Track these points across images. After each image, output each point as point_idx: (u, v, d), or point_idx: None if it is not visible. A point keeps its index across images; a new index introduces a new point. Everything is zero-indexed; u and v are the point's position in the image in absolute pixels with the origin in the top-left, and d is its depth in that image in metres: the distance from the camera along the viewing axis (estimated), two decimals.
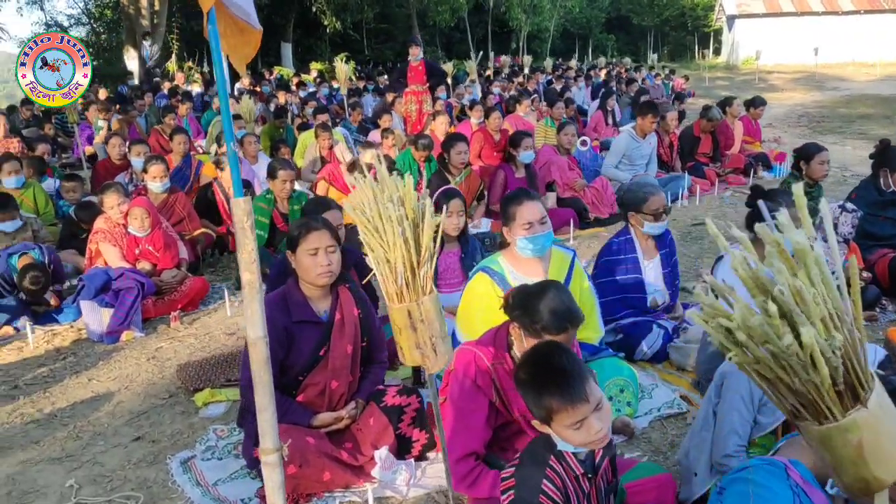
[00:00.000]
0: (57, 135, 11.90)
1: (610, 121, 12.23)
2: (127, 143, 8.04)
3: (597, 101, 13.49)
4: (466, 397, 2.55)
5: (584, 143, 9.49)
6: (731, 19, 41.10)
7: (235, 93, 15.61)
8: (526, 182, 7.04)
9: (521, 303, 2.46)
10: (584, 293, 3.55)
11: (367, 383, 3.25)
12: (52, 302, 5.20)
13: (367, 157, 7.89)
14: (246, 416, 3.19)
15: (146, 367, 4.34)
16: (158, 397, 3.91)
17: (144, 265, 5.24)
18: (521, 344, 2.46)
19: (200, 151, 10.54)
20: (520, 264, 3.47)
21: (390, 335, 3.91)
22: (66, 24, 25.44)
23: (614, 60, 35.71)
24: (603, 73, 22.85)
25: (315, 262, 3.04)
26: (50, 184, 7.44)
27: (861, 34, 36.88)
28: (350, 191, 6.29)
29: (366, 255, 1.98)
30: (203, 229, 6.43)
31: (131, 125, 11.23)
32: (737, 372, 2.54)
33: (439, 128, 9.41)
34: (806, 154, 5.63)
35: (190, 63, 20.71)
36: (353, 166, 7.18)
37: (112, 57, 20.78)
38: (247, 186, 7.03)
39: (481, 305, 3.38)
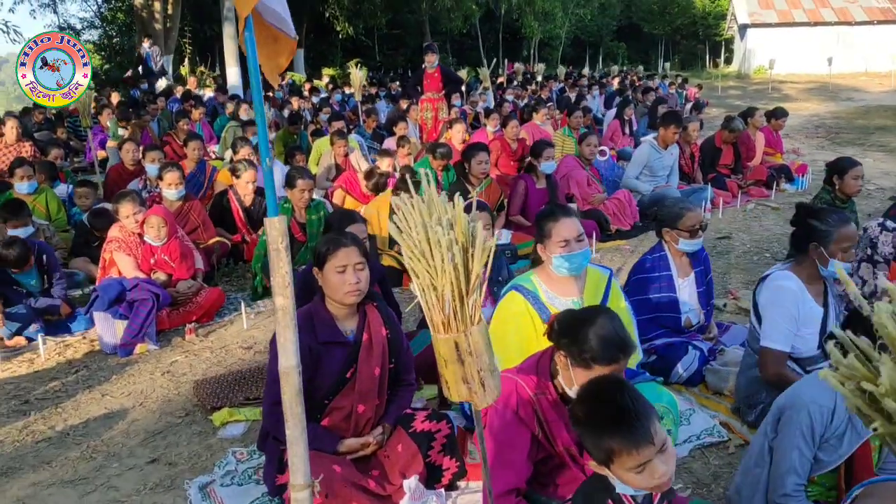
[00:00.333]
0: (69, 139, 11.82)
1: (627, 130, 12.06)
2: (140, 149, 7.93)
3: (613, 110, 13.33)
4: (507, 430, 2.40)
5: (602, 153, 9.35)
6: (742, 28, 40.91)
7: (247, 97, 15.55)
8: (547, 193, 6.90)
9: (569, 330, 2.31)
10: (621, 314, 3.39)
11: (394, 407, 3.10)
12: (63, 310, 5.07)
13: (383, 165, 7.77)
14: (267, 439, 3.05)
15: (161, 382, 4.20)
16: (174, 415, 3.77)
17: (160, 276, 5.11)
18: (568, 374, 2.31)
19: (213, 157, 10.44)
20: (554, 283, 3.32)
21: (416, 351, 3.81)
22: (78, 26, 25.42)
23: (625, 69, 35.58)
24: (616, 82, 22.70)
25: (343, 279, 2.90)
26: (62, 189, 7.33)
27: (874, 44, 36.67)
28: (367, 200, 6.15)
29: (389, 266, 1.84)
30: (218, 238, 6.31)
31: (144, 130, 11.11)
32: (797, 406, 2.39)
33: (456, 136, 9.27)
34: (840, 168, 5.46)
35: (202, 68, 20.65)
36: (371, 175, 7.05)
37: (125, 60, 20.75)
38: (261, 194, 6.90)
39: (515, 326, 3.23)
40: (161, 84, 16.51)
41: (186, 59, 20.26)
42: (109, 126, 11.25)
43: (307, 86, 18.97)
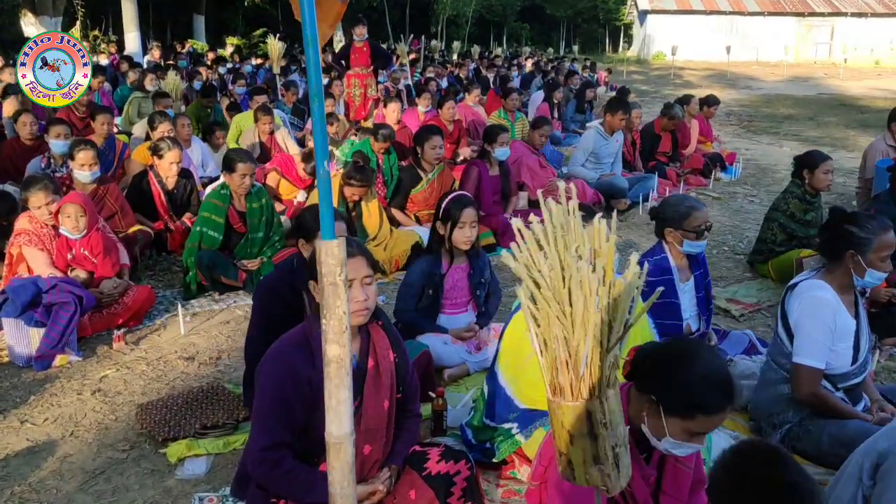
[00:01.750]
0: None
1: (556, 114, 11.83)
2: (39, 121, 7.02)
3: (538, 93, 13.07)
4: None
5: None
6: (642, 14, 41.85)
7: (144, 66, 14.40)
8: (500, 180, 6.51)
9: (662, 370, 1.91)
10: (643, 329, 3.05)
11: (401, 444, 2.63)
12: None
13: None
14: (248, 487, 2.54)
15: (92, 404, 3.55)
16: (116, 448, 3.16)
17: (79, 274, 4.39)
18: (659, 422, 1.91)
19: (117, 131, 9.48)
20: None
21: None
22: None
23: (529, 49, 35.61)
24: (529, 63, 22.56)
25: (349, 296, 2.40)
26: None
27: (764, 35, 38.29)
28: (304, 184, 5.57)
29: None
30: (139, 226, 5.58)
31: None
32: None
33: (391, 115, 8.73)
34: (810, 162, 5.32)
35: (96, 32, 19.02)
36: (310, 157, 6.45)
37: (6, 21, 18.85)
38: (186, 176, 6.19)
39: None
40: None
41: (78, 23, 18.61)
42: None
43: (210, 55, 17.82)
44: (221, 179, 6.16)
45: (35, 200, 4.30)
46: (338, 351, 1.47)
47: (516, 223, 1.38)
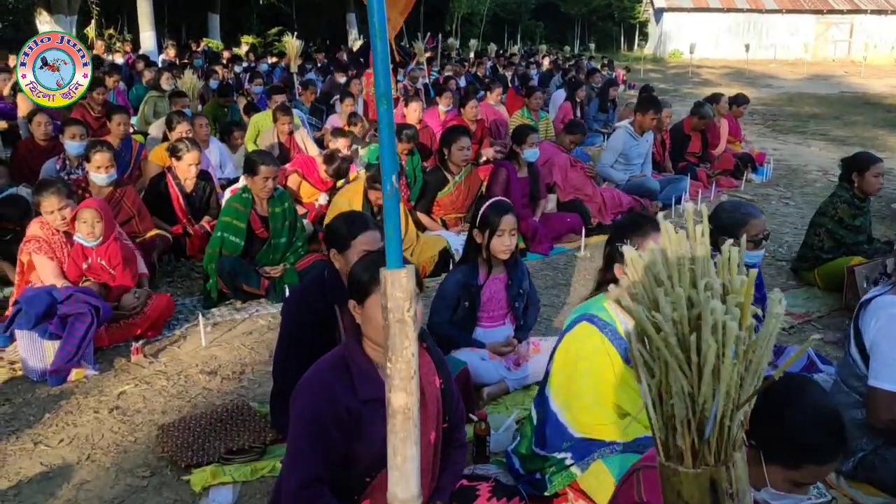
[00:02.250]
0: None
1: (579, 113, 11.56)
2: (56, 122, 6.84)
3: (559, 91, 12.79)
4: None
5: None
6: (658, 12, 41.44)
7: (160, 65, 14.21)
8: (529, 183, 6.27)
9: (762, 412, 1.66)
10: None
11: (447, 478, 2.40)
12: None
13: (338, 145, 6.98)
14: None
15: (110, 423, 3.34)
16: (136, 475, 2.95)
17: (91, 285, 4.17)
18: (760, 471, 1.67)
19: (132, 131, 9.30)
20: None
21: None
22: None
23: (546, 47, 35.31)
24: (546, 61, 22.26)
25: None
26: None
27: (782, 33, 37.83)
28: (326, 186, 5.35)
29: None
30: (158, 231, 5.38)
31: None
32: None
33: (412, 115, 8.50)
34: (859, 165, 5.05)
35: (111, 30, 18.88)
36: (332, 158, 6.24)
37: (20, 20, 18.73)
38: (205, 178, 5.98)
39: (589, 366, 2.58)
40: None
41: (93, 22, 18.46)
42: (8, 92, 9.90)
43: (226, 54, 17.63)
44: (241, 182, 5.97)
45: (47, 205, 4.10)
46: (405, 400, 1.24)
47: (629, 253, 1.15)
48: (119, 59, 15.12)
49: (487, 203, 3.58)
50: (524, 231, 5.86)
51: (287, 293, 4.64)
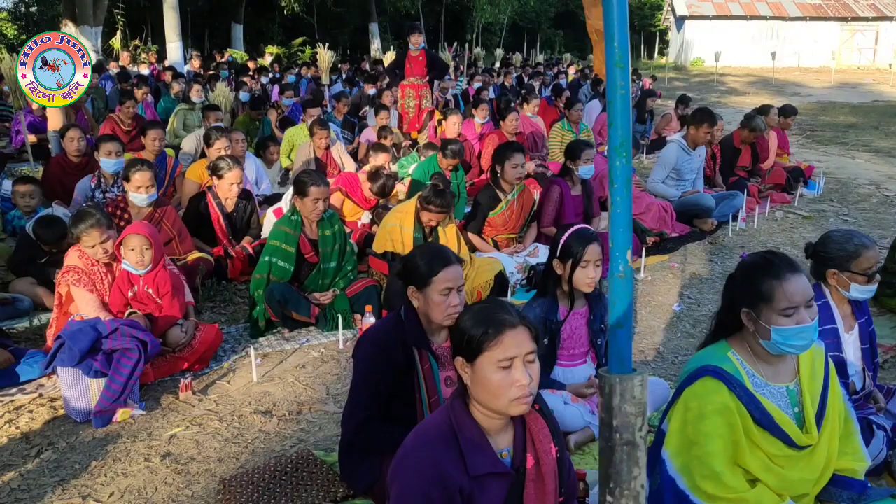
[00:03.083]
0: None
1: None
2: (89, 137, 6.63)
3: (594, 102, 12.48)
4: None
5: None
6: (680, 20, 41.06)
7: (186, 76, 14.04)
8: (583, 200, 5.97)
9: None
10: (838, 400, 2.49)
11: None
12: (5, 360, 3.82)
13: (379, 161, 6.72)
14: None
15: (163, 473, 3.07)
16: None
17: (137, 317, 3.91)
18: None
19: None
20: (762, 363, 2.38)
21: None
22: None
23: (570, 56, 35.08)
24: (572, 71, 21.96)
25: (510, 378, 1.89)
26: (6, 184, 5.96)
27: (806, 40, 37.34)
28: (369, 204, 5.07)
29: None
30: (200, 254, 5.13)
31: (79, 111, 9.64)
32: None
33: (451, 129, 8.24)
34: None
35: (136, 41, 18.75)
36: (377, 176, 5.97)
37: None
38: (246, 197, 5.73)
39: (715, 426, 2.27)
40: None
41: (118, 33, 18.37)
42: (37, 105, 9.73)
43: (251, 64, 17.46)
44: (284, 201, 5.72)
45: (88, 239, 3.83)
46: None
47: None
48: (144, 71, 14.97)
49: (570, 231, 3.28)
50: None
51: (339, 322, 4.38)
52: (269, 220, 5.80)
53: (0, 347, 3.86)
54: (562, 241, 3.26)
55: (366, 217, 6.24)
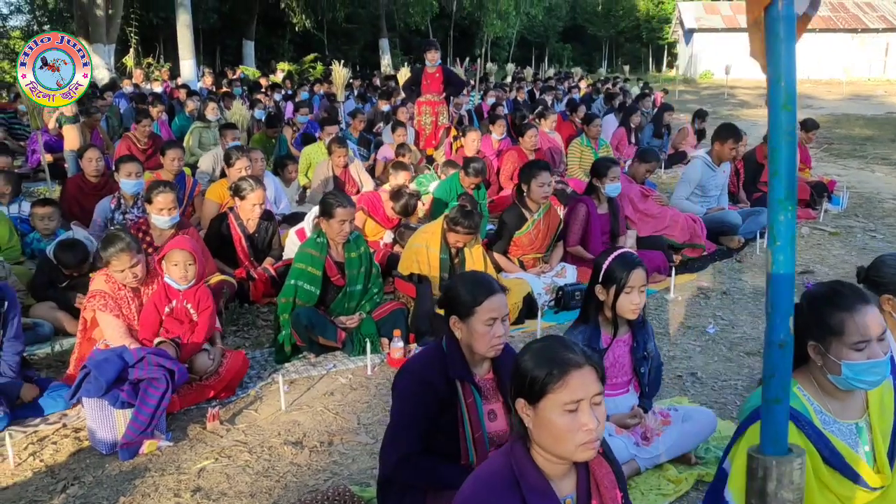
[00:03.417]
0: (4, 138, 10.16)
1: (633, 139, 11.17)
2: (105, 156, 6.57)
3: (610, 117, 12.39)
4: None
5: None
6: (688, 33, 41.06)
7: (199, 93, 14.01)
8: (609, 219, 5.86)
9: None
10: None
11: None
12: (28, 395, 3.72)
13: (399, 179, 6.63)
14: None
15: None
16: None
17: (167, 346, 3.81)
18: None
19: None
20: (830, 399, 2.26)
21: None
22: (4, 11, 23.14)
23: (579, 70, 35.05)
24: (584, 85, 21.90)
25: (576, 422, 1.78)
26: (23, 206, 5.89)
27: (815, 52, 37.20)
28: (391, 224, 4.98)
29: None
30: (223, 276, 5.04)
31: (94, 130, 9.60)
32: None
33: (470, 146, 8.16)
34: None
35: (149, 59, 18.80)
36: (399, 195, 5.89)
37: None
38: (268, 218, 5.65)
39: None
40: (103, 77, 14.79)
41: (131, 50, 18.42)
42: (53, 124, 9.73)
43: (263, 81, 17.46)
44: (307, 221, 5.64)
45: (118, 264, 3.75)
46: None
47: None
48: (158, 88, 14.98)
49: (612, 256, 3.16)
50: None
51: (367, 347, 4.28)
52: (290, 240, 5.70)
53: (26, 378, 3.76)
54: (604, 266, 3.15)
55: (388, 237, 6.15)
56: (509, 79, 21.43)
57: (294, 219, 6.53)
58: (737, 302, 5.43)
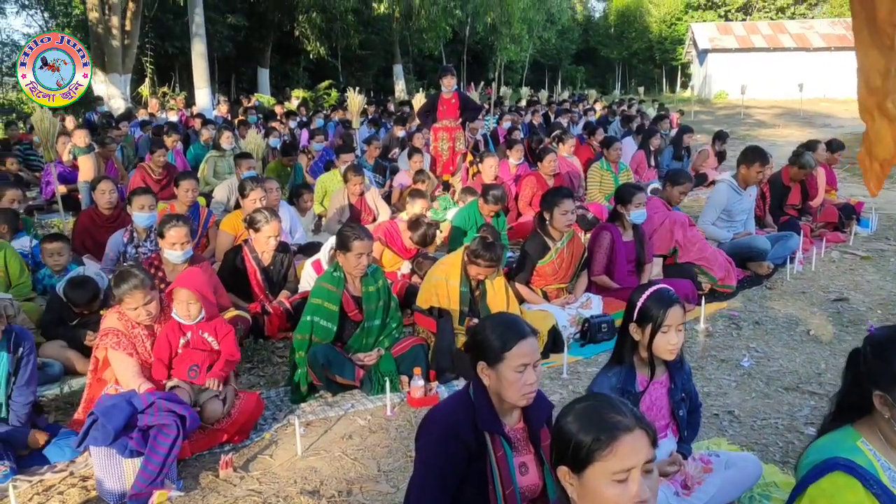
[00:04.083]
0: (20, 170, 10.13)
1: (652, 162, 10.98)
2: (120, 186, 6.47)
3: (629, 139, 12.21)
4: None
5: (655, 190, 8.19)
6: (702, 53, 40.96)
7: (214, 121, 13.99)
8: (634, 247, 5.67)
9: None
10: None
11: None
12: (34, 440, 3.57)
13: (416, 208, 6.48)
14: None
15: None
16: None
17: (181, 387, 3.65)
18: None
19: None
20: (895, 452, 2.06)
21: None
22: (22, 43, 23.40)
23: (594, 93, 35.00)
24: (599, 107, 21.76)
25: (626, 493, 1.60)
26: (23, 241, 5.77)
27: (830, 71, 36.98)
28: (409, 254, 4.80)
29: None
30: (238, 311, 4.88)
31: (109, 161, 9.54)
32: None
33: (488, 172, 8.01)
34: None
35: (165, 88, 18.88)
36: (417, 224, 5.73)
37: None
38: (283, 250, 5.50)
39: None
40: (119, 107, 14.83)
41: (147, 80, 18.49)
42: (67, 156, 9.69)
43: (278, 109, 17.45)
44: (323, 253, 5.49)
45: (131, 301, 3.60)
46: None
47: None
48: (173, 117, 14.99)
49: (648, 293, 2.97)
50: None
51: (387, 386, 4.10)
52: (306, 272, 5.56)
53: (34, 425, 3.61)
54: (639, 304, 2.95)
55: (405, 267, 5.99)
56: (524, 102, 21.31)
57: (310, 249, 6.39)
58: (770, 332, 5.21)
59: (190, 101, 17.55)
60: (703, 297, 5.59)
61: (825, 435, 2.19)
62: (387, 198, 8.80)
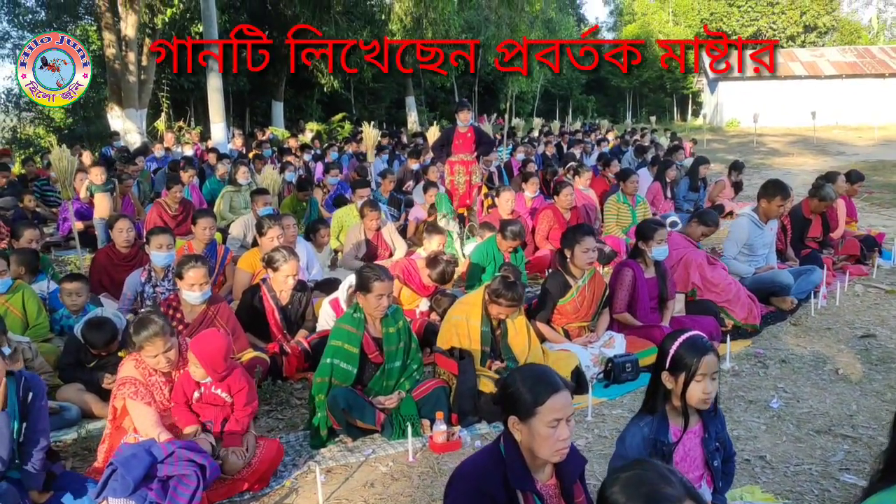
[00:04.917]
0: (37, 206, 10.19)
1: (668, 193, 10.90)
2: (137, 222, 6.47)
3: (644, 170, 12.16)
4: None
5: (673, 224, 8.11)
6: (713, 82, 41.04)
7: (230, 155, 14.06)
8: (657, 283, 5.59)
9: None
10: None
11: None
12: (38, 500, 3.46)
13: (433, 244, 6.43)
14: None
15: None
16: None
17: (202, 438, 3.57)
18: None
19: None
20: None
21: None
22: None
23: (607, 123, 35.08)
24: (611, 137, 21.76)
25: None
26: (41, 285, 5.75)
27: (842, 98, 36.94)
28: (428, 291, 4.73)
29: None
30: (256, 353, 4.83)
31: (125, 197, 9.59)
32: None
33: (504, 206, 7.97)
34: None
35: (181, 123, 19.04)
36: (436, 262, 5.68)
37: (92, 114, 19.02)
38: (301, 289, 5.46)
39: None
40: (135, 141, 14.94)
41: (163, 115, 18.67)
42: (85, 193, 9.72)
43: (293, 142, 17.54)
44: (341, 292, 5.44)
45: (151, 349, 3.55)
46: None
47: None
48: (189, 151, 15.08)
49: (680, 340, 2.89)
50: (658, 340, 5.15)
51: (409, 430, 4.01)
52: (324, 311, 5.50)
53: (50, 471, 3.53)
54: (672, 352, 2.88)
55: (424, 304, 5.93)
56: (536, 132, 21.34)
57: (327, 285, 6.33)
58: (797, 371, 5.09)
59: (205, 135, 17.68)
60: (728, 335, 5.49)
61: (874, 495, 2.10)
62: (402, 231, 8.77)
